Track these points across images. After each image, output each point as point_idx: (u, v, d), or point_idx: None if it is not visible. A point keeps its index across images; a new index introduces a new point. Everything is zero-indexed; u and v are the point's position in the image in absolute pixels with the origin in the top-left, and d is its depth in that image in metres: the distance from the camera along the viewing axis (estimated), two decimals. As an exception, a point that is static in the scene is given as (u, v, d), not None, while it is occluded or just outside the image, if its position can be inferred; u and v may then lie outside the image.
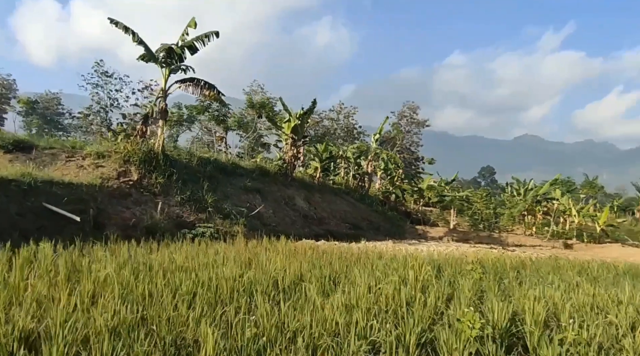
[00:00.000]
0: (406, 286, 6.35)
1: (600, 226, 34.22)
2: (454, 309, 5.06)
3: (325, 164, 29.43)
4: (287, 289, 6.01)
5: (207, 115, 26.25)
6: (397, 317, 4.90)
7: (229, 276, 6.26)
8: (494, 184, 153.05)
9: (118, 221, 13.49)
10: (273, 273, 6.88)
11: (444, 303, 5.70)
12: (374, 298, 5.46)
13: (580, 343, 3.92)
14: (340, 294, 5.44)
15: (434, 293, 5.87)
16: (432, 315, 4.95)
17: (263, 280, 6.37)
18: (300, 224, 20.55)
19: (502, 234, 32.96)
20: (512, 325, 4.65)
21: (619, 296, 6.32)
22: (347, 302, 5.13)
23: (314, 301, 5.05)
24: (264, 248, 12.32)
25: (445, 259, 11.36)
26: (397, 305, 5.30)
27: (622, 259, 23.73)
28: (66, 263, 6.83)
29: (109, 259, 7.32)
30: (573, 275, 9.44)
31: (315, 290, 5.69)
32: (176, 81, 17.23)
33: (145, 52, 16.63)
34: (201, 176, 17.73)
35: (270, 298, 5.48)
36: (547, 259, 13.77)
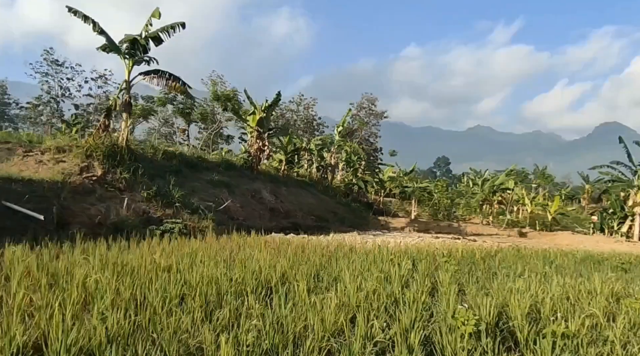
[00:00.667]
0: (390, 283, 6.52)
1: (551, 215, 36.00)
2: (443, 305, 5.25)
3: (290, 156, 29.43)
4: (276, 289, 6.04)
5: (172, 107, 25.55)
6: (388, 314, 5.06)
7: (215, 277, 6.22)
8: (449, 174, 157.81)
9: (84, 219, 13.03)
10: (257, 272, 6.88)
11: (428, 298, 5.90)
12: (363, 296, 5.59)
13: (569, 336, 4.19)
14: (332, 293, 5.53)
15: (419, 288, 6.07)
16: (422, 311, 5.13)
17: (249, 279, 6.38)
18: (268, 218, 20.53)
19: (460, 223, 34.13)
20: (500, 320, 4.90)
21: (589, 286, 6.73)
22: (342, 300, 5.23)
23: (312, 301, 5.11)
24: (237, 244, 12.29)
25: (417, 251, 11.68)
26: (389, 301, 5.45)
27: (574, 246, 25.21)
28: (42, 268, 6.58)
29: (89, 262, 7.09)
30: (540, 265, 9.94)
31: (306, 289, 5.76)
32: (140, 72, 16.71)
33: (107, 42, 16.01)
34: (167, 171, 17.36)
35: (261, 299, 5.51)
36: (510, 250, 14.37)
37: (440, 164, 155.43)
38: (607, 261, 13.02)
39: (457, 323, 4.33)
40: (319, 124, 54.65)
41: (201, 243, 12.02)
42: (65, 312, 4.32)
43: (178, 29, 16.22)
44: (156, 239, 11.94)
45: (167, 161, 18.18)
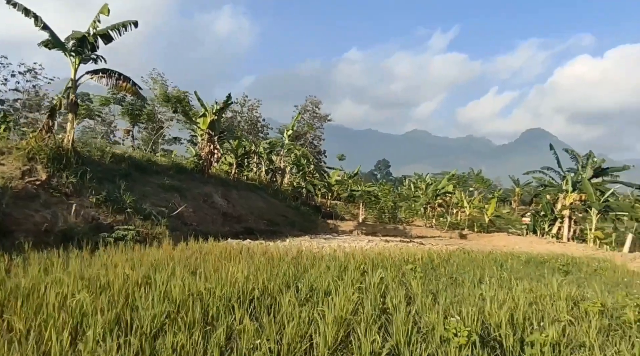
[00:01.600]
0: (367, 294, 6.61)
1: (488, 217, 37.98)
2: (432, 316, 5.40)
3: (240, 160, 29.01)
4: (261, 302, 5.97)
5: (121, 108, 24.34)
6: (383, 327, 5.16)
7: (199, 291, 6.06)
8: (389, 176, 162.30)
9: (29, 226, 12.16)
10: (240, 284, 6.74)
11: (405, 307, 6.05)
12: (351, 308, 5.65)
13: (552, 343, 4.48)
14: (324, 306, 5.54)
15: (398, 298, 6.22)
16: (409, 322, 5.26)
17: (230, 293, 6.25)
18: (221, 223, 20.16)
19: (405, 226, 35.18)
20: (482, 329, 5.14)
21: (550, 291, 7.19)
22: (336, 314, 5.25)
23: (304, 315, 5.11)
24: (197, 252, 11.99)
25: (378, 257, 11.93)
26: (376, 313, 5.55)
27: (511, 246, 26.70)
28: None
29: (64, 279, 6.61)
30: (495, 270, 10.47)
31: (292, 301, 5.73)
32: (87, 71, 15.83)
33: (51, 38, 15.04)
34: (116, 175, 16.59)
35: (251, 314, 5.44)
36: (461, 254, 14.98)
37: (380, 167, 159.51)
38: (548, 263, 13.94)
39: (449, 335, 4.50)
40: (264, 126, 54.39)
41: (160, 251, 11.64)
42: (63, 343, 4.04)
43: (130, 28, 15.54)
44: (111, 248, 11.44)
45: (116, 164, 17.37)
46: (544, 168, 33.70)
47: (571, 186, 27.90)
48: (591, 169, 28.78)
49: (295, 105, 59.95)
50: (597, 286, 8.20)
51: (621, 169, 29.59)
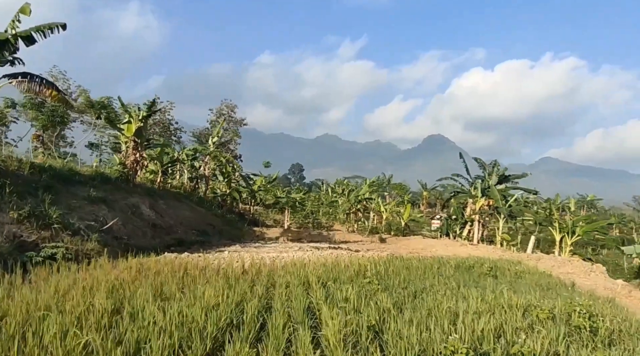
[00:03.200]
0: (354, 313, 6.89)
1: (404, 221, 40.07)
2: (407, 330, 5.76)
3: (166, 167, 27.89)
4: (252, 328, 5.96)
5: (41, 116, 22.10)
6: (379, 347, 5.46)
7: (190, 318, 5.95)
8: (303, 180, 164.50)
9: (-55, 249, 10.90)
10: (222, 310, 6.65)
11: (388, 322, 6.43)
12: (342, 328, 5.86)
13: (533, 353, 5.11)
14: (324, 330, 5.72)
15: (372, 315, 6.56)
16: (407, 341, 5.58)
17: (218, 319, 6.15)
18: (151, 235, 19.35)
19: (328, 232, 36.02)
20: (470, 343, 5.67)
21: (503, 301, 7.98)
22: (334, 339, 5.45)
23: (304, 341, 5.26)
24: (142, 270, 11.55)
25: (330, 268, 12.23)
26: (370, 333, 5.85)
27: (428, 249, 28.42)
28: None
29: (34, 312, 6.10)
30: (437, 277, 11.27)
31: (285, 326, 5.85)
32: (4, 75, 14.45)
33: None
34: (38, 187, 15.29)
35: (250, 344, 5.42)
36: (397, 261, 15.64)
37: (294, 171, 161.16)
38: (473, 268, 15.02)
39: (447, 352, 4.92)
40: (176, 129, 52.71)
41: (99, 271, 11.05)
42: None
43: (57, 30, 14.42)
44: (43, 269, 10.67)
45: (36, 175, 15.98)
46: (454, 175, 36.28)
47: (480, 192, 30.46)
48: (496, 176, 31.62)
49: (210, 108, 58.97)
50: (532, 291, 9.25)
51: (521, 176, 32.84)
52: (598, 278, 16.19)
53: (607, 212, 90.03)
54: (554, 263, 18.89)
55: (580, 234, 21.74)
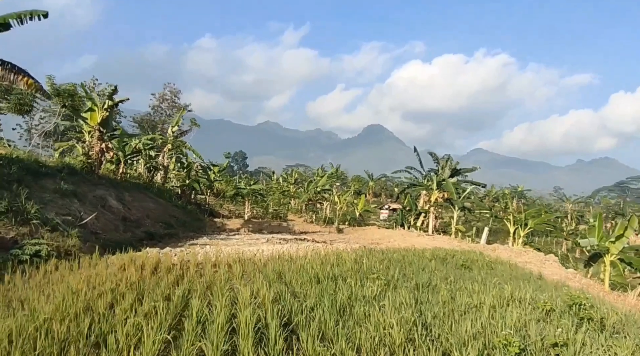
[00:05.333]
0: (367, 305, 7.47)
1: (359, 211, 41.28)
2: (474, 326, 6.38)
3: (129, 158, 26.96)
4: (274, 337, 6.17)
5: (8, 103, 20.46)
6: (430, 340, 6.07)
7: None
8: (246, 168, 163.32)
9: None
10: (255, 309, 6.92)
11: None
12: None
13: (566, 344, 5.91)
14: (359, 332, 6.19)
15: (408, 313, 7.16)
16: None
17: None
18: (123, 229, 18.91)
19: (287, 222, 36.47)
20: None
21: (506, 293, 8.87)
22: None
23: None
24: (122, 267, 11.51)
25: (320, 262, 12.66)
26: (426, 332, 6.41)
27: (386, 239, 29.60)
28: None
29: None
30: (429, 271, 12.06)
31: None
32: (-25, 61, 13.55)
33: None
34: (9, 180, 14.56)
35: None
36: (375, 254, 16.29)
37: (237, 159, 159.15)
38: (447, 259, 16.00)
39: (500, 345, 5.56)
40: (116, 114, 50.68)
41: (95, 268, 10.92)
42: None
43: (37, 18, 13.66)
44: (31, 268, 10.43)
45: (5, 167, 15.15)
46: (408, 167, 37.82)
47: (436, 184, 32.08)
48: (449, 170, 33.42)
49: (153, 93, 56.82)
50: (511, 282, 10.28)
51: (470, 170, 34.90)
52: (553, 267, 17.86)
53: (535, 202, 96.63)
54: (510, 253, 20.49)
55: (532, 226, 23.72)
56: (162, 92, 56.90)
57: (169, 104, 57.25)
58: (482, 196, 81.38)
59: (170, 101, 57.14)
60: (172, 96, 57.17)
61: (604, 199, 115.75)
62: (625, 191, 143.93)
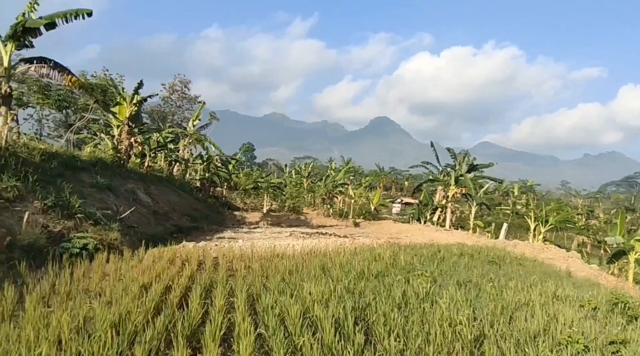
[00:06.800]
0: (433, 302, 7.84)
1: (374, 205, 41.60)
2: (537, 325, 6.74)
3: (154, 151, 27.40)
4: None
5: (47, 100, 20.89)
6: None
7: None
8: (254, 160, 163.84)
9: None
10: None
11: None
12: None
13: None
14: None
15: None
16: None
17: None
18: (154, 222, 19.38)
19: (305, 216, 36.87)
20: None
21: (551, 292, 9.20)
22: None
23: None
24: (181, 261, 11.98)
25: (362, 258, 12.97)
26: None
27: (404, 234, 29.93)
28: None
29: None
30: (454, 268, 12.33)
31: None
32: (22, 59, 13.94)
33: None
34: (53, 175, 15.01)
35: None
36: (409, 249, 16.61)
37: (242, 150, 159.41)
38: (477, 255, 16.26)
39: (564, 342, 5.88)
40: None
41: (144, 262, 11.38)
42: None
43: (82, 17, 13.99)
44: (83, 261, 10.92)
45: (46, 162, 15.59)
46: (424, 162, 38.04)
47: (454, 180, 32.33)
48: (466, 165, 33.63)
49: (163, 84, 56.77)
50: (547, 279, 10.60)
51: (486, 166, 35.11)
52: (577, 263, 18.15)
53: (545, 197, 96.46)
54: (532, 249, 20.75)
55: (554, 223, 23.98)
56: (172, 83, 56.82)
57: (179, 96, 57.33)
58: (492, 191, 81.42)
59: (180, 92, 57.21)
60: (182, 87, 57.20)
61: (614, 195, 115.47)
62: (633, 186, 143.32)
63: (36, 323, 5.51)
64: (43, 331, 5.24)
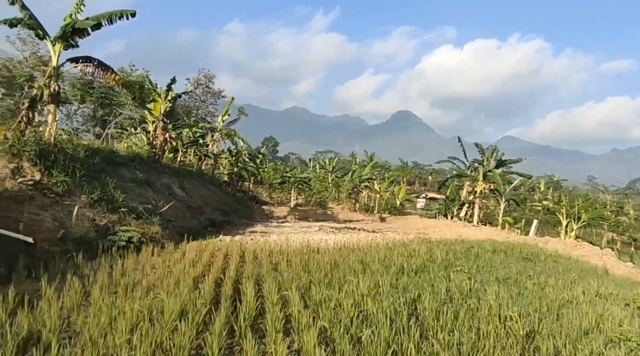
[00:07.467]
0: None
1: (399, 200, 41.57)
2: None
3: (186, 147, 28.01)
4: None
5: (90, 97, 21.69)
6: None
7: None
8: (275, 153, 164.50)
9: (44, 234, 11.27)
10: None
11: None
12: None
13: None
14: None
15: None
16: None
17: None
18: (189, 216, 19.89)
19: (332, 211, 37.12)
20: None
21: (592, 288, 9.25)
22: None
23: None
24: (223, 256, 12.33)
25: (399, 254, 13.14)
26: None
27: (430, 229, 29.88)
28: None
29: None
30: (490, 264, 12.42)
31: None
32: (69, 58, 14.48)
33: (34, 22, 13.51)
34: (97, 170, 15.58)
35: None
36: (442, 245, 16.69)
37: (267, 144, 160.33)
38: (510, 251, 16.24)
39: (617, 339, 5.99)
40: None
41: (188, 255, 11.77)
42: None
43: (126, 18, 14.45)
44: (132, 254, 11.38)
45: (90, 157, 16.18)
46: (451, 158, 37.80)
47: (482, 175, 32.12)
48: (494, 161, 33.34)
49: (187, 78, 57.53)
50: (585, 277, 10.60)
51: (515, 161, 34.71)
52: (611, 261, 17.97)
53: (571, 192, 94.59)
54: (564, 246, 20.60)
55: (586, 220, 23.69)
56: (197, 77, 57.52)
57: (203, 90, 58.03)
58: (518, 186, 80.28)
59: (204, 86, 57.88)
60: (207, 81, 57.84)
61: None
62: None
63: (110, 312, 5.88)
64: (120, 320, 5.60)
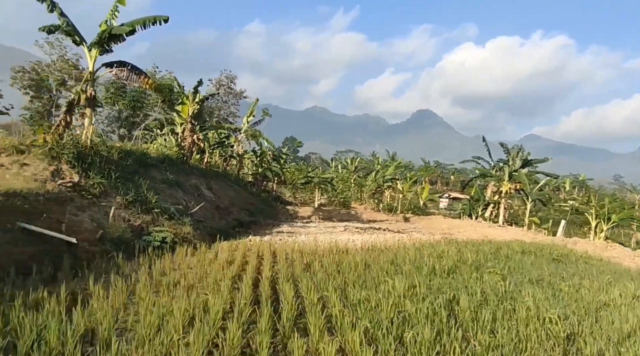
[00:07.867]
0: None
1: (423, 200, 41.37)
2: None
3: (212, 148, 28.48)
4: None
5: (123, 101, 22.37)
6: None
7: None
8: (296, 153, 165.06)
9: (84, 235, 11.68)
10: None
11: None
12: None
13: None
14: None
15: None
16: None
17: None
18: (218, 217, 20.22)
19: (355, 211, 37.21)
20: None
21: (623, 290, 9.17)
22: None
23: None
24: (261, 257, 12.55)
25: (431, 254, 13.18)
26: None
27: (455, 229, 29.64)
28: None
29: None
30: (521, 265, 12.36)
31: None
32: (104, 63, 14.93)
33: (71, 28, 13.98)
34: (132, 171, 16.03)
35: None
36: (470, 246, 16.61)
37: (288, 144, 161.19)
38: (539, 252, 16.08)
39: None
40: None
41: (221, 255, 12.02)
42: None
43: (159, 23, 14.82)
44: (168, 254, 11.67)
45: (123, 159, 16.63)
46: (475, 157, 37.43)
47: (507, 175, 31.77)
48: (520, 160, 32.93)
49: (210, 79, 57.99)
50: (622, 279, 10.47)
51: (541, 161, 34.21)
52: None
53: (598, 192, 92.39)
54: (594, 247, 20.26)
55: (616, 220, 23.26)
56: (219, 78, 58.05)
57: (225, 91, 58.59)
58: (543, 186, 78.96)
59: (226, 87, 58.39)
60: (229, 82, 58.31)
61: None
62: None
63: (159, 311, 6.12)
64: (170, 318, 5.83)
